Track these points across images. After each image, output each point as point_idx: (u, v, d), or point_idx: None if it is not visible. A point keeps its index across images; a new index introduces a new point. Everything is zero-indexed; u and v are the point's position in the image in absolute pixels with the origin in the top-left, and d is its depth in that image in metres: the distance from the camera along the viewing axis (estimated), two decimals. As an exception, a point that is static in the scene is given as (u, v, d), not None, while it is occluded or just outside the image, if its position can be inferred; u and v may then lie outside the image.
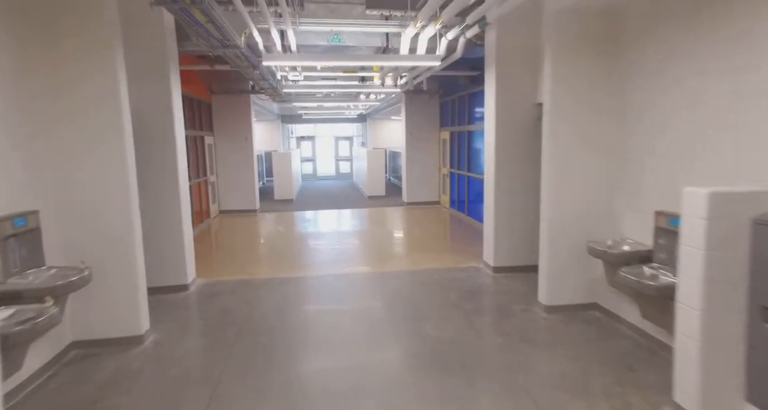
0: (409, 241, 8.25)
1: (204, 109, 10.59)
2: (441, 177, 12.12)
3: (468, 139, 9.82)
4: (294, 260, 7.05)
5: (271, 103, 16.84)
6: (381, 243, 8.19)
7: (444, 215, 10.90)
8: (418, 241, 8.14)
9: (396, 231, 9.38)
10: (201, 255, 7.21)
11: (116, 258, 3.97)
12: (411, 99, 11.90)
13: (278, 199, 13.64)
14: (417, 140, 12.10)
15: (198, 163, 9.87)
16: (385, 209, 12.04)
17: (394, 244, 8.18)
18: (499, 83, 5.74)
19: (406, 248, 7.74)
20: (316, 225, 10.10)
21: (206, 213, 10.41)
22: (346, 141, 21.62)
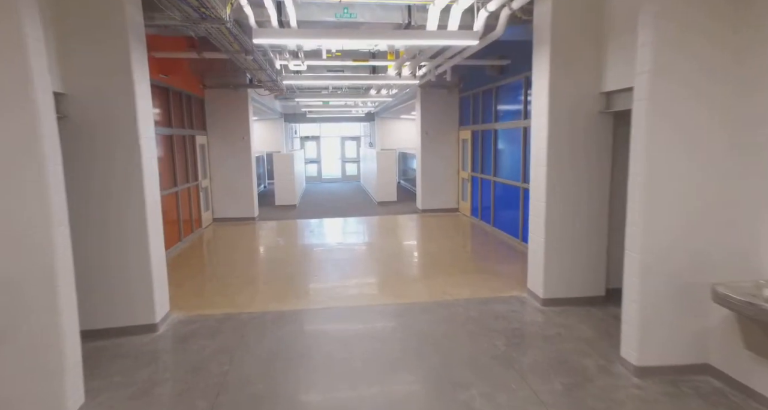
0: (431, 259, 7.01)
1: (195, 105, 9.41)
2: (460, 181, 10.88)
3: (494, 138, 8.58)
4: (294, 284, 5.83)
5: (273, 100, 15.67)
6: (397, 261, 6.96)
7: (465, 225, 9.66)
8: (441, 259, 6.90)
9: (413, 246, 8.14)
10: (182, 276, 6.01)
11: (26, 313, 2.76)
12: (427, 94, 10.67)
13: (279, 205, 12.45)
14: (433, 140, 10.86)
15: (187, 165, 8.68)
16: (397, 217, 10.80)
17: (414, 263, 6.94)
18: (554, 68, 4.49)
19: (429, 268, 6.50)
20: (321, 236, 8.89)
21: (197, 222, 9.22)
22: (353, 141, 20.43)
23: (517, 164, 7.64)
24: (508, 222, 8.10)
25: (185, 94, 8.72)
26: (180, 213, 8.08)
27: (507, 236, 8.07)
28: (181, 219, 8.09)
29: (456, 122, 10.85)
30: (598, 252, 4.72)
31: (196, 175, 9.31)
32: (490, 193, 8.88)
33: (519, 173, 7.49)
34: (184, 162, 8.59)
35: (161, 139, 7.37)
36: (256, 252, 7.70)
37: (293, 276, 6.16)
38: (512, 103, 7.92)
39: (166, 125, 7.65)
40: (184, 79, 8.67)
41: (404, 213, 11.24)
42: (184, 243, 8.14)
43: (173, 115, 7.95)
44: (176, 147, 8.03)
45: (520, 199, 7.46)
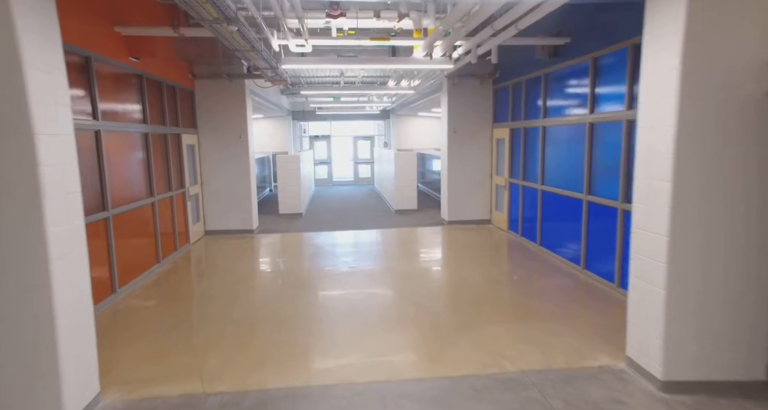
0: (471, 293, 5.40)
1: (182, 98, 7.93)
2: (493, 189, 9.25)
3: (542, 138, 6.94)
4: (290, 337, 4.28)
5: (279, 95, 14.20)
6: (427, 297, 5.36)
7: (501, 241, 8.03)
8: (484, 294, 5.30)
9: (445, 272, 6.54)
10: (142, 323, 4.47)
11: None
12: (455, 86, 9.06)
13: (284, 214, 10.93)
14: (462, 140, 9.25)
15: (169, 170, 7.20)
16: (419, 231, 9.21)
17: (449, 300, 5.34)
18: (692, 27, 2.87)
19: (471, 309, 4.89)
20: (328, 257, 7.32)
21: (183, 237, 7.73)
22: (366, 141, 18.88)
23: (577, 170, 6.01)
24: (563, 243, 6.47)
25: (168, 85, 7.23)
26: (158, 228, 6.59)
27: (561, 260, 6.44)
28: (158, 236, 6.60)
29: (489, 119, 9.22)
30: (757, 314, 3.08)
31: (182, 181, 7.83)
32: (535, 204, 7.24)
33: (580, 182, 5.86)
34: (165, 166, 7.11)
35: (129, 138, 5.88)
36: (247, 281, 6.17)
37: (289, 323, 4.60)
38: (570, 94, 6.28)
39: (138, 121, 6.16)
40: (167, 65, 7.18)
41: (427, 224, 9.64)
42: (163, 266, 6.65)
43: (149, 108, 6.46)
44: (154, 148, 6.54)
45: (582, 215, 5.82)
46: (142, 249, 6.15)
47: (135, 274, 5.87)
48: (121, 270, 5.44)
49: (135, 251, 5.95)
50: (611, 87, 5.25)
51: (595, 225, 5.61)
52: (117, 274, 5.28)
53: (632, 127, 4.76)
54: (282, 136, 17.19)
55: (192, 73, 8.31)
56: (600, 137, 5.47)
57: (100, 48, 5.12)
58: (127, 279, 5.63)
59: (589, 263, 5.75)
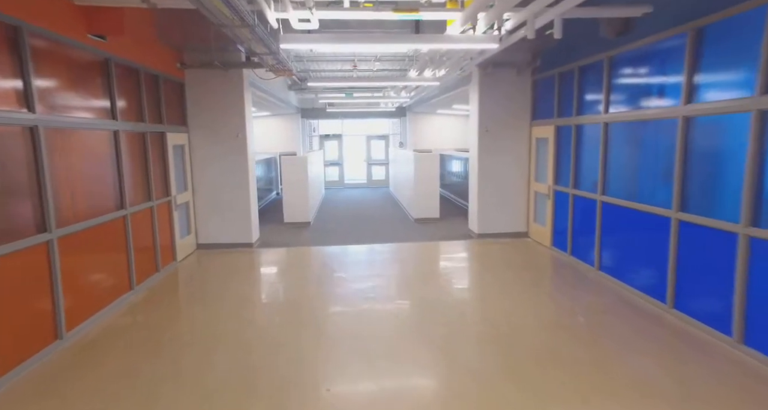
0: (530, 347, 4.04)
1: (169, 90, 6.73)
2: (532, 197, 7.90)
3: (604, 137, 5.59)
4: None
5: (287, 91, 12.99)
6: (474, 352, 4.03)
7: (545, 261, 6.69)
8: (547, 347, 3.97)
9: (486, 308, 5.20)
10: (85, 387, 3.23)
11: None
12: (488, 77, 7.73)
13: (289, 223, 9.69)
14: (495, 140, 7.92)
15: (148, 176, 6.00)
16: (446, 246, 7.90)
17: (504, 359, 3.98)
18: None
19: (536, 375, 3.56)
20: (338, 282, 6.05)
21: (167, 254, 6.53)
22: (381, 140, 17.59)
23: (659, 179, 4.65)
24: (634, 269, 5.11)
25: (148, 73, 6.03)
26: (131, 247, 5.38)
27: (632, 292, 5.08)
28: (132, 257, 5.39)
29: (527, 115, 7.88)
30: None
31: (167, 188, 6.62)
32: (592, 218, 5.89)
33: (666, 194, 4.50)
34: (143, 171, 5.90)
35: (87, 137, 4.67)
36: (237, 318, 4.91)
37: (284, 395, 3.33)
38: (649, 81, 4.92)
39: (102, 116, 4.95)
40: (146, 50, 5.98)
41: (453, 237, 8.32)
42: (137, 293, 5.44)
43: (120, 101, 5.25)
44: (126, 149, 5.34)
45: (669, 237, 4.46)
46: (106, 275, 4.95)
47: (96, 308, 4.66)
48: (73, 307, 4.23)
49: (96, 279, 4.74)
50: (725, 66, 3.89)
51: (692, 251, 4.25)
52: (64, 314, 4.07)
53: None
54: (290, 135, 16.00)
55: (181, 62, 7.10)
56: (701, 135, 4.11)
57: (40, 17, 3.91)
58: (83, 317, 4.43)
59: (680, 301, 4.39)
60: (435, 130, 16.84)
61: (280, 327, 4.48)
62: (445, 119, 16.85)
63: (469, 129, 8.43)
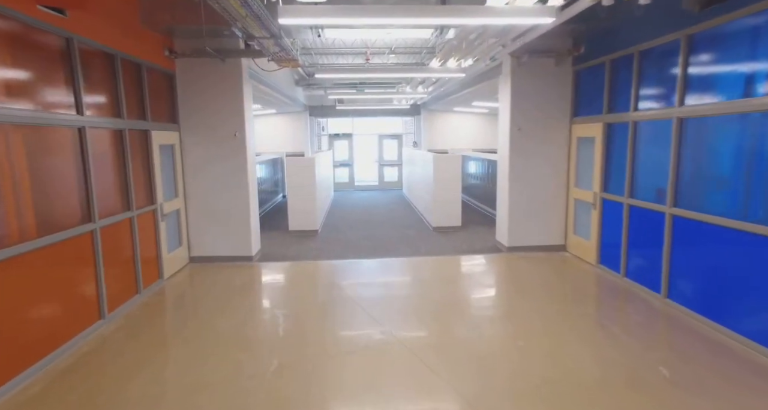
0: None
1: (155, 83, 5.82)
2: (572, 205, 6.87)
3: (678, 136, 4.55)
4: None
5: (294, 87, 12.07)
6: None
7: (593, 283, 5.68)
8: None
9: (534, 353, 4.17)
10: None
11: None
12: (522, 67, 6.72)
13: (294, 231, 8.76)
14: (529, 140, 6.91)
15: (127, 182, 5.09)
16: (473, 261, 6.90)
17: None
18: None
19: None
20: (351, 310, 5.09)
21: (151, 271, 5.63)
22: (393, 140, 16.60)
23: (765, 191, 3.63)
24: (728, 305, 4.08)
25: (128, 61, 5.12)
26: (100, 268, 4.46)
27: (726, 333, 4.06)
28: (101, 281, 4.47)
29: (566, 111, 6.85)
30: None
31: (152, 195, 5.71)
32: (657, 235, 4.86)
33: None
34: (120, 175, 4.99)
35: (34, 135, 3.75)
36: (223, 363, 3.97)
37: None
38: (749, 65, 3.89)
39: (60, 108, 4.04)
40: (125, 33, 5.06)
41: (479, 250, 7.32)
42: (108, 322, 4.53)
43: (85, 92, 4.34)
44: (96, 150, 4.42)
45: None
46: (64, 306, 4.03)
47: (51, 347, 3.75)
48: (13, 350, 3.32)
49: (50, 312, 3.83)
50: None
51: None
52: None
53: None
54: (297, 134, 15.08)
55: (170, 50, 6.19)
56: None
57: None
58: (30, 361, 3.52)
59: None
60: (452, 129, 15.83)
61: (282, 375, 3.53)
62: (462, 117, 15.83)
63: (498, 127, 7.42)
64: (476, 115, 15.81)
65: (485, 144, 15.85)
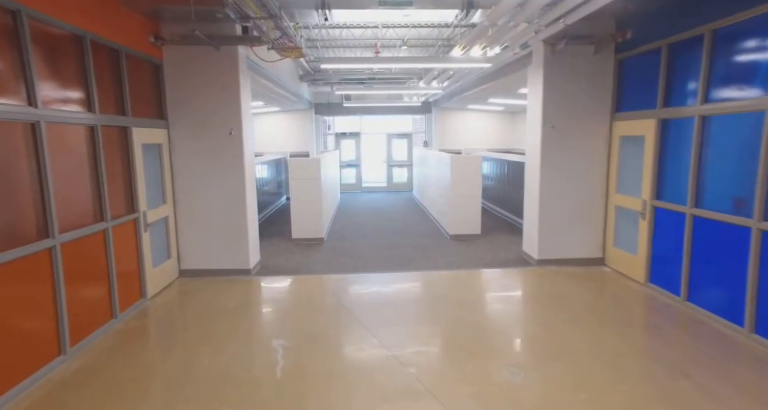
0: None
1: (138, 72, 5.04)
2: (612, 212, 6.04)
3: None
4: None
5: (299, 83, 11.30)
6: None
7: (643, 304, 4.85)
8: None
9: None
10: None
11: None
12: (556, 57, 5.90)
13: (298, 239, 7.97)
14: (563, 139, 6.09)
15: (101, 186, 4.31)
16: (497, 276, 6.08)
17: None
18: None
19: None
20: (360, 336, 4.30)
21: (132, 290, 4.86)
22: (403, 139, 15.77)
23: None
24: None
25: (102, 45, 4.35)
26: (60, 294, 3.69)
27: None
28: (62, 308, 3.70)
29: (607, 106, 6.02)
30: None
31: (133, 202, 4.94)
32: (739, 255, 4.03)
33: None
34: (90, 179, 4.22)
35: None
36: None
37: None
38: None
39: (8, 97, 3.26)
40: (98, 12, 4.29)
41: (504, 263, 6.50)
42: (69, 358, 3.76)
43: (41, 80, 3.57)
44: (57, 150, 3.65)
45: None
46: (13, 342, 3.26)
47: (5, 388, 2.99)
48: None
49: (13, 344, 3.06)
50: None
51: None
52: None
53: None
54: (302, 133, 14.31)
55: (156, 35, 5.42)
56: None
57: None
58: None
59: None
60: (464, 128, 15.00)
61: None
62: (476, 116, 15.00)
63: (526, 125, 6.59)
64: (490, 113, 14.98)
65: (500, 143, 15.01)
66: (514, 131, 14.97)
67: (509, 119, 15.05)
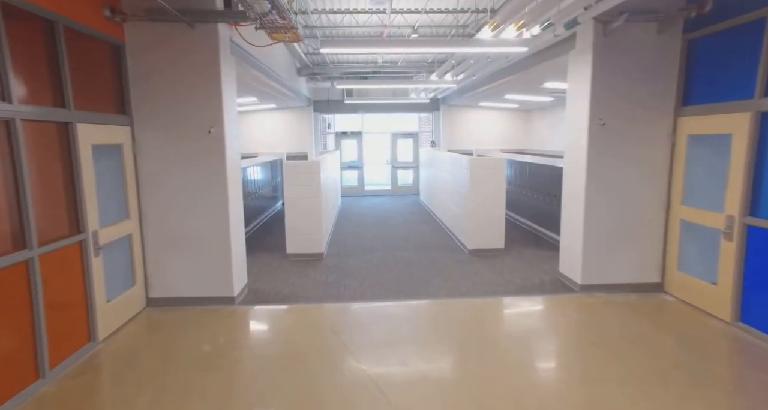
0: None
1: (88, 54, 3.93)
2: (676, 228, 4.94)
3: None
4: None
5: (296, 78, 10.21)
6: None
7: (733, 351, 3.76)
8: None
9: None
10: None
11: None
12: (607, 40, 4.80)
13: (293, 255, 6.87)
14: (614, 139, 4.99)
15: (21, 203, 3.20)
16: (538, 307, 4.97)
17: None
18: None
19: None
20: (370, 400, 3.20)
21: (79, 333, 3.77)
22: (408, 139, 14.64)
23: None
24: None
25: (27, 13, 3.24)
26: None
27: None
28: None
29: (670, 99, 4.93)
30: None
31: (78, 220, 3.84)
32: None
33: None
34: (8, 194, 3.11)
35: None
36: None
37: None
38: None
39: None
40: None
41: (541, 288, 5.40)
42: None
43: None
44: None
45: None
46: None
47: None
48: None
49: None
50: None
51: None
52: None
53: None
54: (300, 132, 13.21)
55: (113, 9, 4.31)
56: None
57: None
58: None
59: None
60: (476, 127, 13.90)
61: None
62: (488, 114, 13.91)
63: (566, 123, 5.49)
64: (503, 111, 13.89)
65: (513, 143, 13.92)
66: (529, 130, 13.88)
67: (524, 117, 13.96)
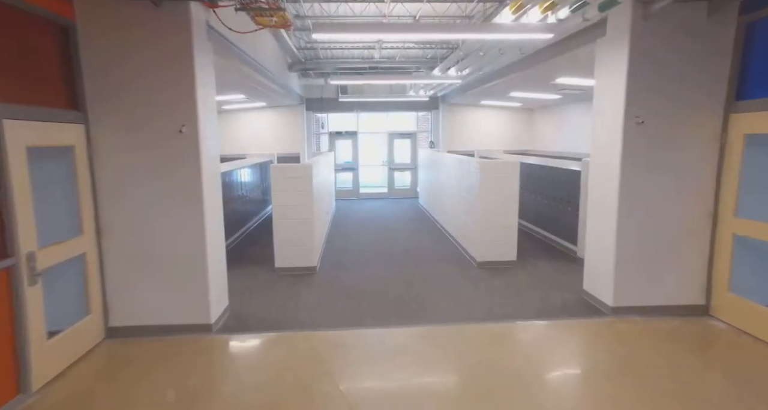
0: None
1: (21, 36, 3.16)
2: (726, 242, 4.25)
3: None
4: None
5: (288, 74, 9.46)
6: None
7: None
8: None
9: None
10: None
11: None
12: (646, 24, 4.10)
13: (282, 269, 6.12)
14: (654, 139, 4.30)
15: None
16: (566, 336, 4.25)
17: None
18: None
19: None
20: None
21: (6, 383, 2.98)
22: (406, 139, 13.92)
23: None
24: None
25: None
26: None
27: None
28: None
29: (720, 93, 4.25)
30: None
31: (5, 243, 3.06)
32: None
33: None
34: None
35: None
36: None
37: None
38: None
39: None
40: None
41: (565, 311, 4.70)
42: None
43: None
44: None
45: None
46: None
47: None
48: None
49: None
50: None
51: None
52: None
53: None
54: (292, 132, 12.47)
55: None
56: None
57: None
58: None
59: None
60: (477, 127, 13.22)
61: None
62: (490, 113, 13.23)
63: (594, 122, 4.79)
64: (506, 110, 13.23)
65: (516, 144, 13.26)
66: (533, 130, 13.22)
67: (527, 116, 13.30)
